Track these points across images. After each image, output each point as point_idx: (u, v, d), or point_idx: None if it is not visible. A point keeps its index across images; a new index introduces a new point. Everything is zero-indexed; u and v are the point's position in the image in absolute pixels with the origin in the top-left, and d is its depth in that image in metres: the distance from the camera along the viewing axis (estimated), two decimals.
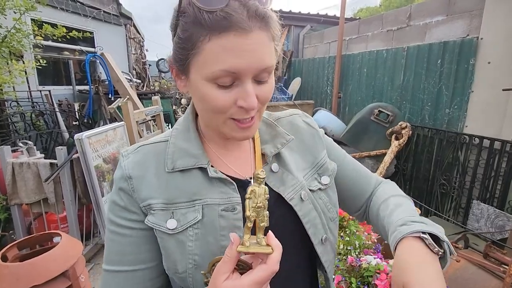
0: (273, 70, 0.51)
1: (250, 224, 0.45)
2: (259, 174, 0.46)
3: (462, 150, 3.11)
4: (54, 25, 3.52)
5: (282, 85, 5.93)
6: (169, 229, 0.52)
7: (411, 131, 3.53)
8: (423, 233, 0.51)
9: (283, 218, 0.58)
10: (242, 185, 0.57)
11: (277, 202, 0.58)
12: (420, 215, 0.64)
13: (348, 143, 3.94)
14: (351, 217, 1.68)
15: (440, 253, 0.50)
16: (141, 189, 0.54)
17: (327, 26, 6.37)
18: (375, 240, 1.70)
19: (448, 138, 3.23)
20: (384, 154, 3.55)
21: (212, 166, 0.56)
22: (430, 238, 0.50)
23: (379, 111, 3.66)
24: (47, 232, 1.63)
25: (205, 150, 0.59)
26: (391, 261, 1.43)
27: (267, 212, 0.46)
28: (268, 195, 0.46)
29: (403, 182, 3.81)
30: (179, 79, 0.54)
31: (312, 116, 4.52)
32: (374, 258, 1.40)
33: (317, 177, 0.64)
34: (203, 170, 0.56)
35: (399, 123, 3.53)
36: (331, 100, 5.27)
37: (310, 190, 0.62)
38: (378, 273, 1.32)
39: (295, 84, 5.94)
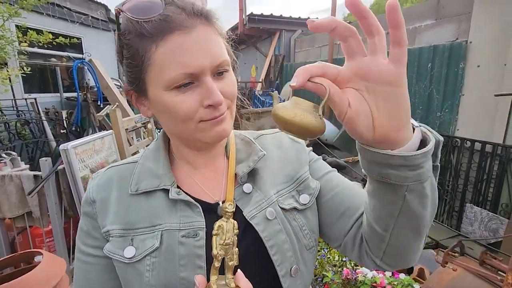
0: (230, 65, 0.49)
1: (217, 264, 0.42)
2: (227, 208, 0.43)
3: (454, 153, 3.11)
4: (39, 31, 3.43)
5: (274, 89, 5.92)
6: (126, 257, 0.49)
7: None
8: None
9: (252, 245, 0.51)
10: (211, 209, 0.53)
11: (246, 227, 0.51)
12: None
13: (340, 147, 3.93)
14: None
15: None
16: (103, 214, 0.52)
17: None
18: None
19: None
20: None
21: (178, 187, 0.53)
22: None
23: None
24: (27, 251, 1.55)
25: (174, 170, 0.56)
26: (387, 273, 1.40)
27: (237, 249, 0.43)
28: (238, 231, 0.43)
29: None
30: (141, 105, 0.52)
31: None
32: (371, 270, 1.36)
33: (295, 194, 0.57)
34: (166, 192, 0.52)
35: None
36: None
37: (281, 208, 0.54)
38: (375, 286, 1.28)
39: (287, 88, 5.93)
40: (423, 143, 0.39)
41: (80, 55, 5.44)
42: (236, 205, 0.52)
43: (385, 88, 0.33)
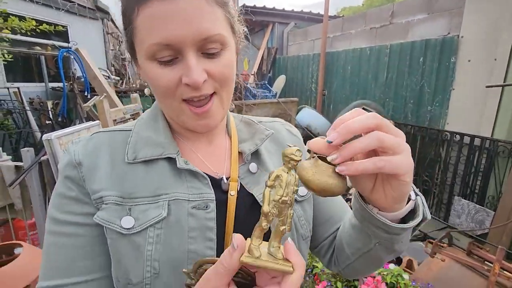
0: (226, 40, 0.44)
1: (265, 226, 0.33)
2: (294, 154, 0.33)
3: (443, 147, 3.15)
4: (22, 18, 3.28)
5: (266, 82, 5.87)
6: (124, 228, 0.44)
7: None
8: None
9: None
10: (216, 183, 0.50)
11: (252, 207, 0.51)
12: None
13: None
14: None
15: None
16: (92, 179, 0.46)
17: (311, 23, 6.35)
18: None
19: (430, 135, 3.27)
20: None
21: (181, 157, 0.50)
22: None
23: (363, 108, 3.66)
24: (7, 243, 1.49)
25: (174, 140, 0.52)
26: None
27: (292, 211, 0.34)
28: (298, 188, 0.35)
29: None
30: (139, 69, 0.48)
31: (297, 114, 4.50)
32: None
33: None
34: (171, 161, 0.49)
35: None
36: (316, 97, 5.25)
37: None
38: (365, 277, 1.27)
39: (280, 81, 5.89)
40: (412, 211, 0.42)
41: (66, 44, 5.26)
42: (240, 183, 0.51)
43: (395, 180, 0.36)
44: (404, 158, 0.34)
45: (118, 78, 6.61)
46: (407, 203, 0.41)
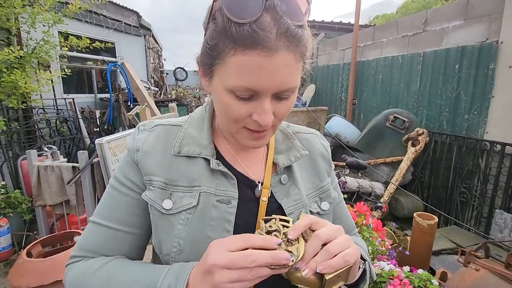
0: (297, 89, 0.49)
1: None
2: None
3: (483, 157, 3.00)
4: (78, 37, 3.73)
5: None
6: (164, 208, 0.53)
7: (428, 138, 3.44)
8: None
9: None
10: (248, 184, 0.58)
11: (278, 213, 0.55)
12: (439, 223, 0.64)
13: (362, 149, 3.89)
14: (364, 222, 1.66)
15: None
16: (145, 163, 0.55)
17: (341, 33, 6.37)
18: (389, 246, 1.67)
19: (467, 144, 3.13)
20: (400, 161, 3.48)
21: (216, 159, 0.57)
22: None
23: (394, 117, 3.60)
24: (68, 231, 1.71)
25: (216, 141, 0.60)
26: (405, 268, 1.40)
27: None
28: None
29: (420, 189, 3.71)
30: (204, 79, 0.54)
31: (327, 123, 4.51)
32: (388, 264, 1.37)
33: (318, 200, 0.62)
34: (207, 160, 0.57)
35: (416, 129, 3.46)
36: (346, 106, 5.23)
37: (310, 211, 0.59)
38: (391, 279, 1.29)
39: (309, 91, 5.94)
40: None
41: (113, 59, 5.79)
42: (271, 190, 0.58)
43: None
44: (353, 248, 0.47)
45: (157, 89, 7.09)
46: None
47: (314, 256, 0.44)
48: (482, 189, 3.00)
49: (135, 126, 3.94)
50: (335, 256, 0.44)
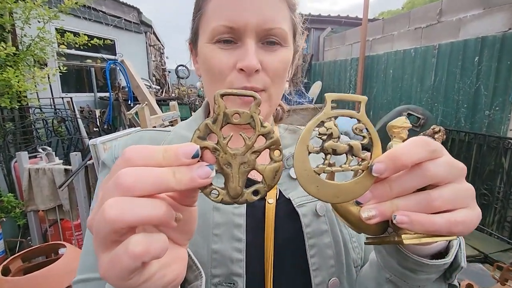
0: (287, 38, 0.44)
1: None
2: (405, 122, 0.33)
3: (506, 156, 2.78)
4: (76, 34, 3.58)
5: (302, 88, 5.77)
6: None
7: (445, 136, 3.22)
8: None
9: (291, 237, 0.45)
10: (250, 183, 0.45)
11: (291, 214, 0.46)
12: None
13: None
14: None
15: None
16: None
17: (348, 27, 6.15)
18: None
19: (489, 143, 2.91)
20: None
21: None
22: None
23: (408, 114, 3.39)
24: (52, 243, 1.56)
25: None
26: None
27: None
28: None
29: None
30: (195, 62, 0.52)
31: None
32: None
33: None
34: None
35: (432, 127, 3.23)
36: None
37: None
38: None
39: (316, 87, 5.76)
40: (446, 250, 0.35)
41: (113, 56, 5.66)
42: (279, 189, 0.49)
43: None
44: (474, 211, 0.27)
45: (159, 87, 6.95)
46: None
47: (398, 197, 0.27)
48: (505, 191, 2.78)
49: (135, 126, 3.79)
50: (438, 214, 0.26)
